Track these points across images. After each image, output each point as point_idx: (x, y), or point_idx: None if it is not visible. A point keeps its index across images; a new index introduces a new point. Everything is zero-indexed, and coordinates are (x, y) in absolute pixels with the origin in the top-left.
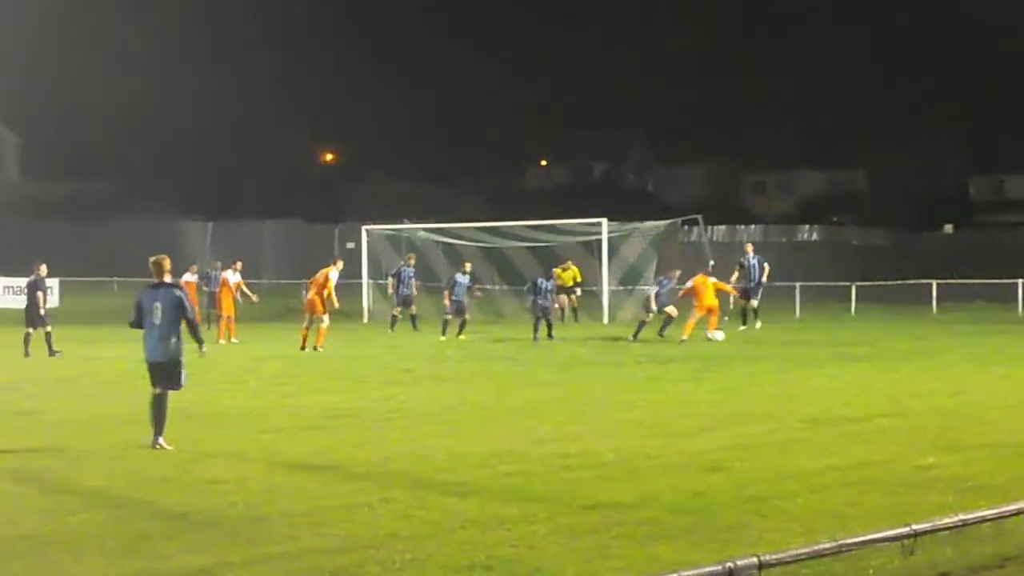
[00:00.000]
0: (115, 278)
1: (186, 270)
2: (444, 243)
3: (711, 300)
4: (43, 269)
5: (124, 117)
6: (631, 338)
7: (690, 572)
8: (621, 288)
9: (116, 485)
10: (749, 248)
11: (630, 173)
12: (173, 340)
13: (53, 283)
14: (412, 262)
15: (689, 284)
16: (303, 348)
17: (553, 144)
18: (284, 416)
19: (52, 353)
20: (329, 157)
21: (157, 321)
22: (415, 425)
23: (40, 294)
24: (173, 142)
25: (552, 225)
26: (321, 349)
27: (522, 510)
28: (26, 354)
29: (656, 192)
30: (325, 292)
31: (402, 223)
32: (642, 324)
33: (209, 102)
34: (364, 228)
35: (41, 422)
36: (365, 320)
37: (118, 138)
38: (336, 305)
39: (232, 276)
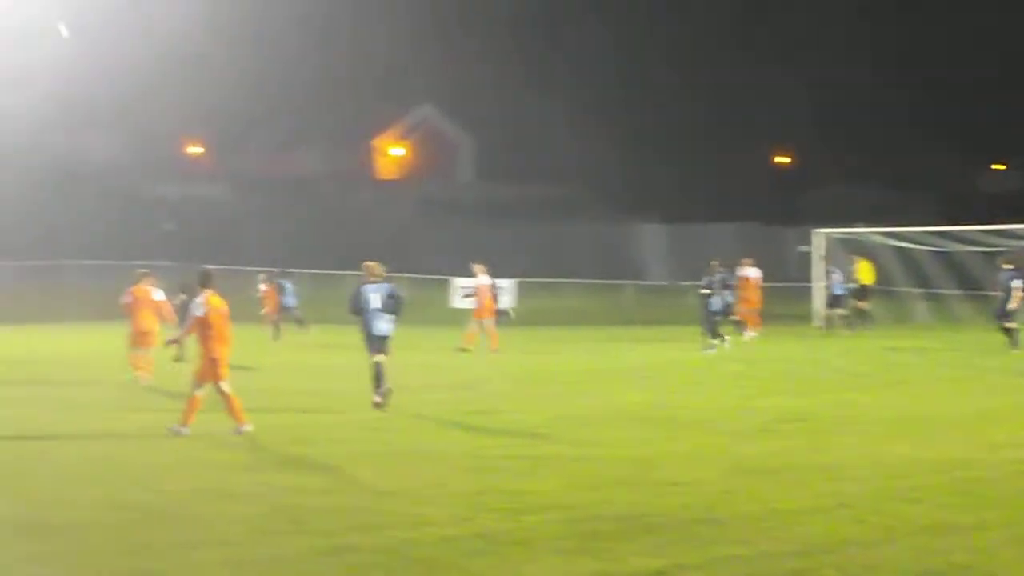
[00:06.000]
0: (567, 279)
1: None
2: (896, 247)
3: None
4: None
5: (571, 121)
6: None
7: None
8: None
9: (573, 485)
10: None
11: None
12: None
13: (509, 284)
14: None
15: None
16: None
17: (1011, 147)
18: (742, 418)
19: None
20: (784, 160)
21: None
22: (868, 430)
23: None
24: (627, 145)
25: (1006, 230)
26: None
27: (976, 517)
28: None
29: None
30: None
31: (855, 227)
32: None
33: (665, 103)
34: (815, 231)
35: (499, 421)
36: (816, 323)
37: (568, 141)
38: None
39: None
